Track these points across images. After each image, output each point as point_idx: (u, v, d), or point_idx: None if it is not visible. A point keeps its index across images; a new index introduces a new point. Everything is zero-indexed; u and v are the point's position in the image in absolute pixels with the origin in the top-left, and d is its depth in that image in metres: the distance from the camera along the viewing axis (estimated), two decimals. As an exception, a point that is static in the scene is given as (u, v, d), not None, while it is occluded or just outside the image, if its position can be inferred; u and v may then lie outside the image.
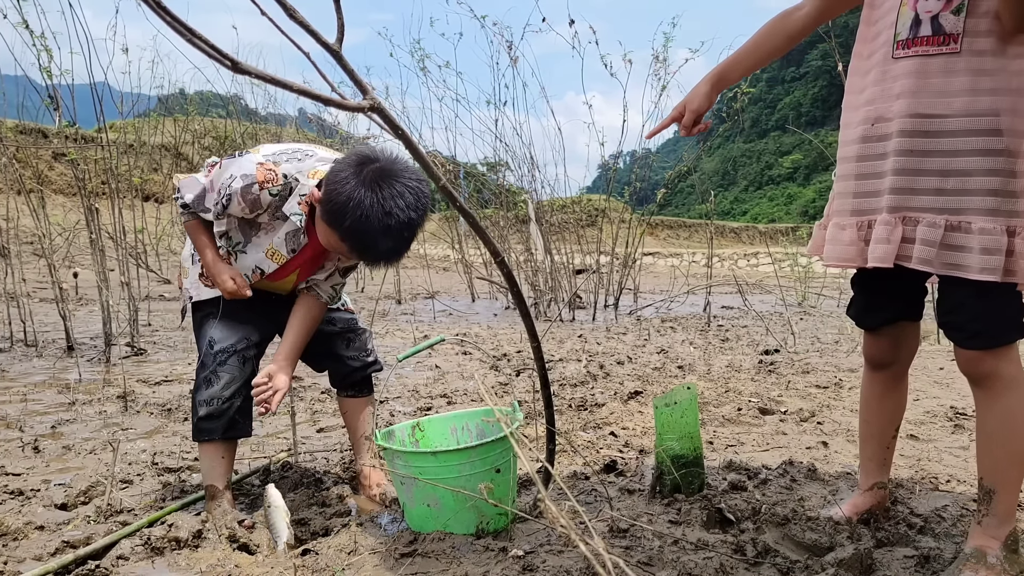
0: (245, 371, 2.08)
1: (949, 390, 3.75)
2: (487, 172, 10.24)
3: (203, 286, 2.12)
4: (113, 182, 5.29)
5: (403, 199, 1.73)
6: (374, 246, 1.76)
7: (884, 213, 1.59)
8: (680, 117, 1.92)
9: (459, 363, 4.78)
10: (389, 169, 1.75)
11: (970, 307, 1.54)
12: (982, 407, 1.62)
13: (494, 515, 1.86)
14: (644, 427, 2.98)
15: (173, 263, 11.52)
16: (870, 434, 1.94)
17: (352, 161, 1.76)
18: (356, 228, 1.72)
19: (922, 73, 1.53)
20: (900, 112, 1.56)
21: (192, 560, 1.78)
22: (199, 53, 0.85)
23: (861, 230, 1.66)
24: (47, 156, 14.47)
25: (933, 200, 1.54)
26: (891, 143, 1.58)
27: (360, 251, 1.80)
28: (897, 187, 1.57)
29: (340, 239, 1.78)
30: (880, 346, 1.85)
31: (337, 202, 1.72)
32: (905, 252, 1.57)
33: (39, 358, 4.73)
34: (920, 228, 1.54)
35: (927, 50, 1.53)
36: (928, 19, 1.53)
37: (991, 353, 1.55)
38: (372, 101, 1.05)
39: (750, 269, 19.35)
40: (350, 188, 1.71)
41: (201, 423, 2.03)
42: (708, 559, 1.66)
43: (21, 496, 2.23)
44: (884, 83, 1.61)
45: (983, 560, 1.58)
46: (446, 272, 14.38)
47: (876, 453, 1.93)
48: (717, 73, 1.90)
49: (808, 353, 5.07)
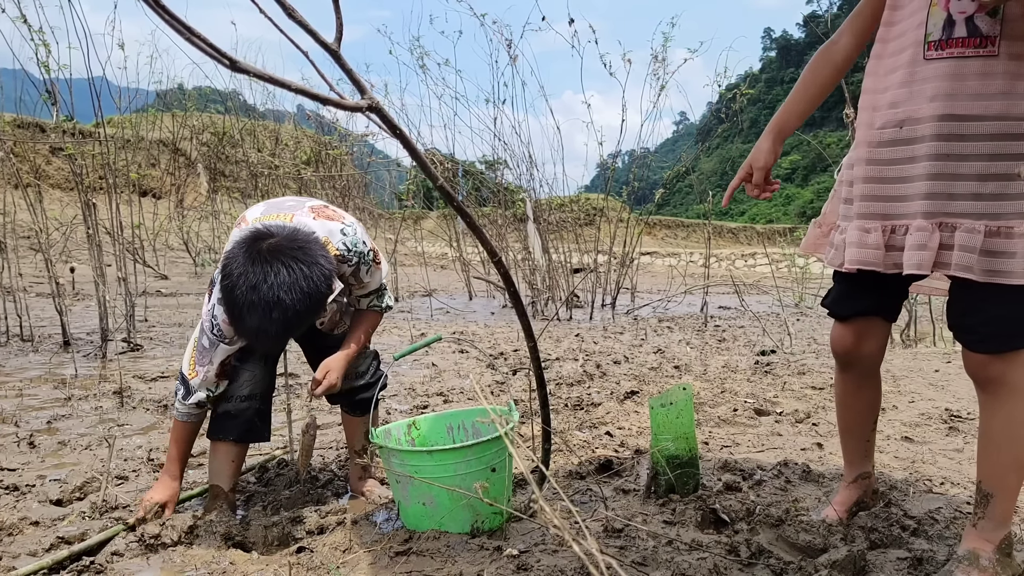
0: (267, 374, 2.09)
1: (944, 392, 3.76)
2: (485, 170, 10.25)
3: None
4: (111, 177, 5.29)
5: (279, 278, 1.63)
6: (240, 320, 1.67)
7: (920, 219, 1.55)
8: (748, 177, 1.87)
9: (456, 361, 4.78)
10: (280, 247, 1.67)
11: (983, 311, 1.52)
12: (987, 411, 1.60)
13: (489, 514, 1.86)
14: (640, 427, 2.99)
15: (170, 259, 11.50)
16: (848, 430, 1.94)
17: (251, 234, 1.71)
18: (225, 297, 1.67)
19: (958, 75, 1.49)
20: (933, 115, 1.52)
21: (187, 557, 1.78)
22: (197, 49, 0.85)
23: (886, 234, 1.62)
24: (44, 150, 14.43)
25: (972, 205, 1.50)
26: (923, 146, 1.54)
27: (230, 321, 1.72)
28: (933, 192, 1.53)
29: (218, 302, 1.77)
30: (845, 336, 1.82)
31: (222, 266, 1.70)
32: (943, 259, 1.53)
33: (35, 353, 4.72)
34: (959, 234, 1.50)
35: (963, 52, 1.49)
36: (962, 20, 1.49)
37: (1000, 358, 1.53)
38: (370, 100, 1.05)
39: (747, 269, 19.37)
40: (234, 255, 1.67)
41: (218, 421, 2.05)
42: (702, 559, 1.66)
43: (16, 491, 2.23)
44: (913, 84, 1.56)
45: (976, 562, 1.58)
46: (443, 270, 14.37)
47: (858, 446, 1.94)
48: (776, 125, 1.86)
49: (804, 354, 5.07)
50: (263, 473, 2.46)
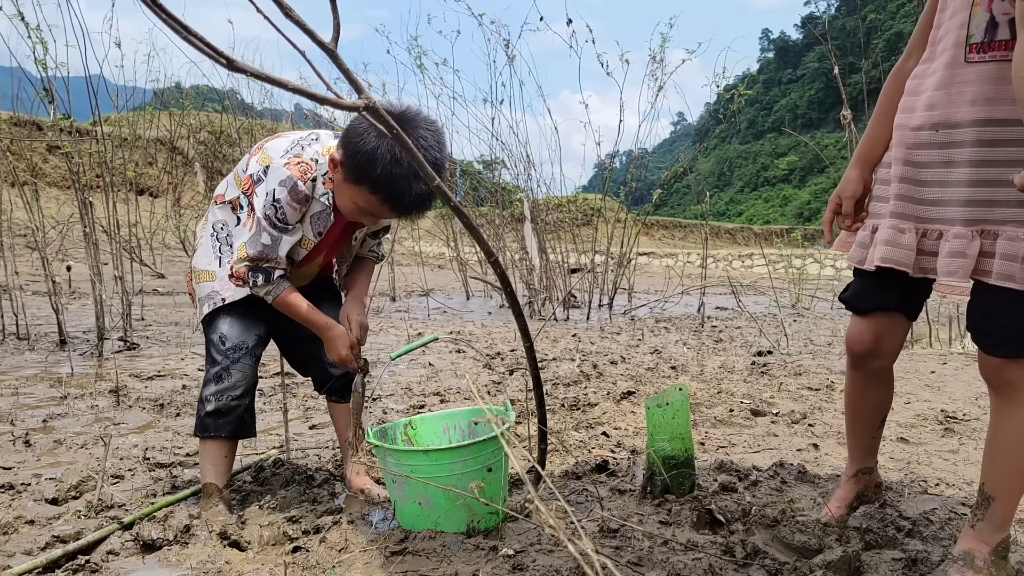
0: (256, 370, 2.08)
1: (940, 394, 3.77)
2: (483, 170, 10.24)
3: (236, 287, 2.04)
4: (107, 176, 5.28)
5: (426, 141, 1.76)
6: (408, 190, 1.78)
7: (959, 226, 1.52)
8: (837, 209, 1.80)
9: (453, 361, 4.78)
10: (404, 117, 1.78)
11: (1004, 314, 1.50)
12: (998, 415, 1.59)
13: (485, 514, 1.87)
14: (636, 427, 2.99)
15: (167, 257, 11.49)
16: (855, 425, 1.92)
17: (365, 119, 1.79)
18: (388, 174, 1.75)
19: (1001, 79, 1.45)
20: (974, 119, 1.49)
21: (182, 556, 1.78)
22: (195, 48, 0.85)
23: (924, 236, 1.60)
24: (41, 149, 14.41)
25: (1015, 212, 1.47)
26: (963, 151, 1.51)
27: (393, 199, 1.82)
28: (975, 199, 1.50)
29: (371, 191, 1.80)
30: (863, 332, 1.77)
31: (363, 155, 1.75)
32: (983, 267, 1.50)
33: (31, 351, 4.71)
34: (1000, 242, 1.47)
35: (1007, 55, 1.45)
36: (1006, 22, 1.45)
37: (1017, 362, 1.52)
38: (367, 100, 1.05)
39: (744, 270, 19.39)
40: (374, 139, 1.74)
41: (208, 419, 2.02)
42: (697, 560, 1.66)
43: (11, 490, 2.22)
44: (952, 87, 1.52)
45: (971, 563, 1.58)
46: (441, 270, 14.36)
47: (862, 442, 1.92)
48: (862, 155, 1.78)
49: (801, 355, 5.08)
50: (259, 472, 2.46)
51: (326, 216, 1.99)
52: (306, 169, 1.90)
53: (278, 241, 1.93)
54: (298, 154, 1.92)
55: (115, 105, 5.99)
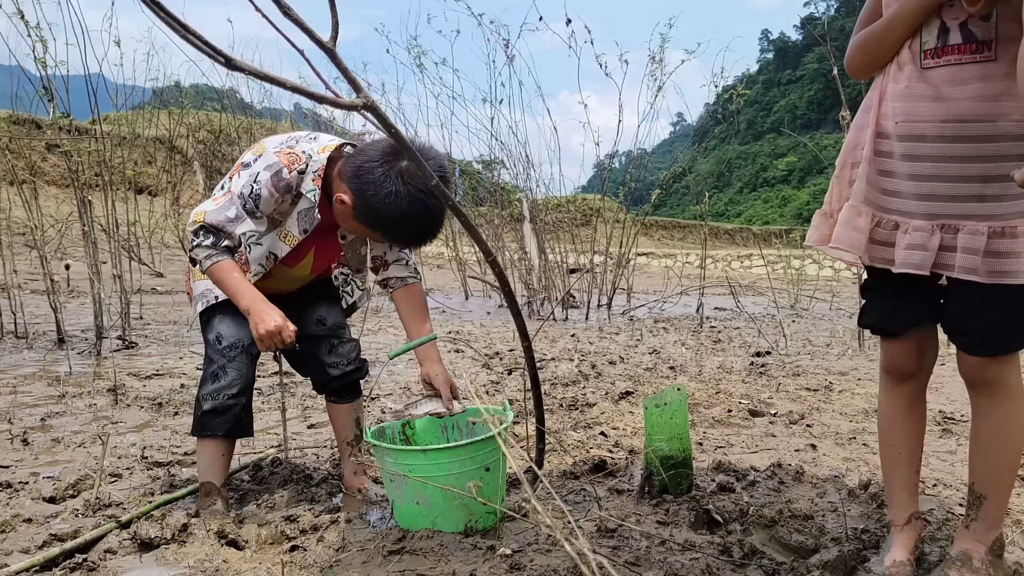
0: (253, 369, 2.08)
1: (938, 394, 3.78)
2: (482, 170, 10.24)
3: None
4: (106, 174, 5.28)
5: (436, 158, 1.83)
6: (423, 242, 1.94)
7: (920, 220, 1.53)
8: None
9: (451, 361, 4.78)
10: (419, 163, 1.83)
11: (985, 313, 1.51)
12: (980, 413, 1.60)
13: (483, 513, 1.87)
14: (634, 427, 2.99)
15: (166, 256, 11.48)
16: (898, 459, 1.73)
17: (380, 156, 1.83)
18: (407, 234, 1.91)
19: (958, 80, 1.48)
20: (935, 116, 1.50)
21: (180, 555, 1.78)
22: (194, 47, 0.85)
23: (877, 226, 1.60)
24: (40, 147, 14.39)
25: (975, 207, 1.48)
26: (925, 147, 1.52)
27: (404, 245, 2.03)
28: (936, 194, 1.51)
29: (383, 237, 1.97)
30: (907, 352, 1.67)
31: (385, 220, 1.85)
32: (944, 260, 1.51)
33: (29, 350, 4.71)
34: (961, 236, 1.48)
35: (960, 58, 1.48)
36: (956, 26, 1.48)
37: (996, 360, 1.53)
38: (365, 99, 1.05)
39: (743, 271, 19.39)
40: (394, 200, 1.80)
41: (205, 418, 2.02)
42: (695, 560, 1.66)
43: (9, 489, 2.22)
44: (911, 90, 1.54)
45: (968, 563, 1.59)
46: (440, 269, 14.35)
47: (908, 480, 1.73)
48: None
49: (799, 356, 5.09)
50: (257, 471, 2.46)
51: (312, 214, 1.99)
52: (295, 160, 1.91)
53: (241, 220, 1.90)
54: (291, 147, 1.94)
55: (114, 104, 5.98)
